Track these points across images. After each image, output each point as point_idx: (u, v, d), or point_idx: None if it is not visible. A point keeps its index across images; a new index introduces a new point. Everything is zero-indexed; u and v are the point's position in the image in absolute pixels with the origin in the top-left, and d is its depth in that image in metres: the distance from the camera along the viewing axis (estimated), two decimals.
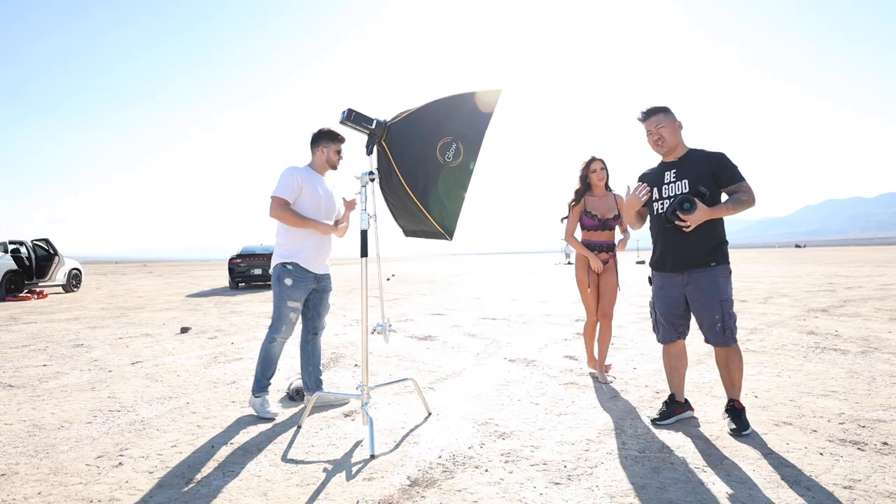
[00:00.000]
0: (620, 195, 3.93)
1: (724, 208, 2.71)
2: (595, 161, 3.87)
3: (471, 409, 3.35)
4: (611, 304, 3.95)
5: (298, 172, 3.27)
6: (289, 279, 3.26)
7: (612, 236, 3.93)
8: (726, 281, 2.81)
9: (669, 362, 3.07)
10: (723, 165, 2.79)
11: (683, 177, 2.84)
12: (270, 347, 3.33)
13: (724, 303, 2.77)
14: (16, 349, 5.82)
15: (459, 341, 5.82)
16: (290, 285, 3.27)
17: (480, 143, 3.01)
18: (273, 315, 3.32)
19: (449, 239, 3.08)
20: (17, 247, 13.64)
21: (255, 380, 3.33)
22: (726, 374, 2.87)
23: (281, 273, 3.28)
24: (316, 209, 3.34)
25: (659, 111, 2.91)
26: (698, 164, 2.84)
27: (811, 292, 10.01)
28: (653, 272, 3.08)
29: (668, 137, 2.89)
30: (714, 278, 2.79)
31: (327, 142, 3.40)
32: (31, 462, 2.60)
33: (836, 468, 2.32)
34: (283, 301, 3.28)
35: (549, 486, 2.25)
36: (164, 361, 5.02)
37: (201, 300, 12.03)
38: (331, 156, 3.41)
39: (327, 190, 3.45)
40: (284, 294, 3.27)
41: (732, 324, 2.79)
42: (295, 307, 3.31)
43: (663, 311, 2.99)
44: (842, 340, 5.15)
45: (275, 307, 3.31)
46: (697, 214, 2.68)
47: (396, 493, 2.21)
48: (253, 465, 2.54)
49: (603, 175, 3.87)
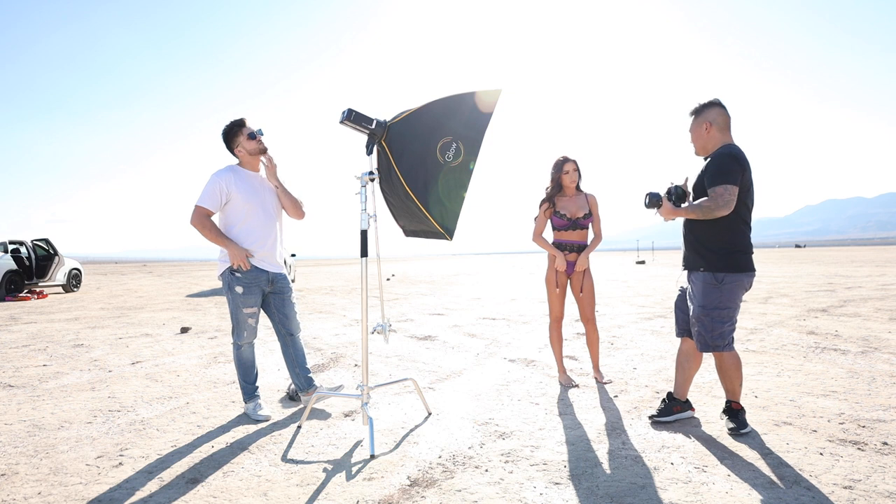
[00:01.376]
0: (593, 195, 3.90)
1: (685, 210, 2.72)
2: (568, 162, 3.80)
3: (471, 409, 3.35)
4: (592, 307, 3.86)
5: (223, 176, 3.12)
6: (239, 287, 3.14)
7: (584, 236, 3.85)
8: (713, 289, 2.69)
9: (678, 358, 3.09)
10: (709, 168, 2.72)
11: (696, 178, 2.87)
12: (240, 354, 3.30)
13: (701, 309, 2.72)
14: (16, 349, 5.82)
15: (459, 341, 5.82)
16: (242, 293, 3.15)
17: (480, 143, 3.01)
18: (232, 322, 3.25)
19: (449, 239, 3.08)
20: (17, 247, 13.64)
21: (241, 388, 3.32)
22: (722, 378, 2.87)
23: (231, 281, 3.14)
24: (254, 208, 3.19)
25: (692, 114, 2.89)
26: (708, 163, 2.81)
27: (811, 292, 10.01)
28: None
29: (695, 142, 2.91)
30: (699, 282, 2.76)
31: (236, 133, 3.21)
32: (31, 462, 2.60)
33: (836, 468, 2.32)
34: (238, 309, 3.17)
35: (549, 486, 2.25)
36: (164, 361, 5.02)
37: (201, 300, 12.03)
38: (245, 144, 3.20)
39: (264, 183, 3.31)
40: (238, 301, 3.16)
41: (707, 333, 2.72)
42: (252, 312, 3.21)
43: (676, 304, 3.06)
44: (842, 340, 5.15)
45: (231, 315, 3.22)
46: (662, 211, 2.76)
47: (396, 493, 2.22)
48: (253, 465, 2.54)
49: (575, 177, 3.80)
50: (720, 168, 2.64)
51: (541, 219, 3.89)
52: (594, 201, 3.87)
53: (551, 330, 3.97)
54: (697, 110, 2.87)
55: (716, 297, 2.70)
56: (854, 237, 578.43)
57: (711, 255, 2.72)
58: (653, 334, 5.93)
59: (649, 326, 6.52)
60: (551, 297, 3.91)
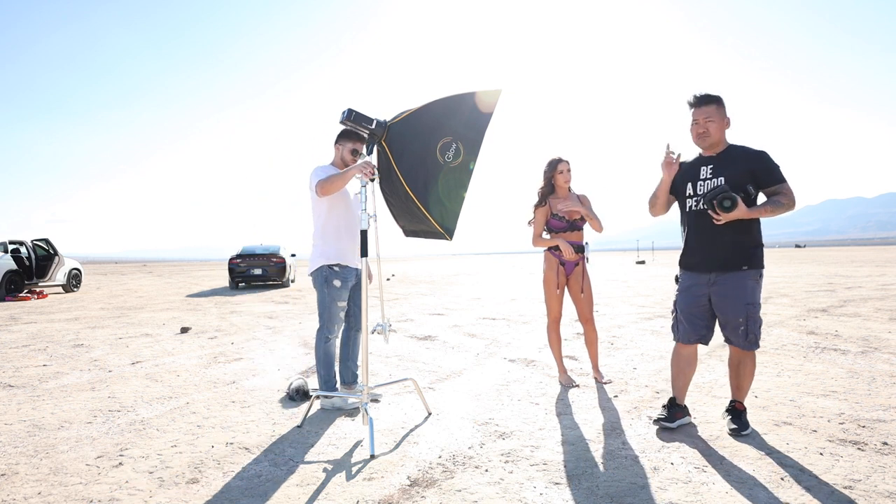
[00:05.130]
0: (585, 195, 3.90)
1: (762, 209, 2.64)
2: (562, 162, 3.79)
3: (471, 409, 3.35)
4: (590, 307, 3.85)
5: (324, 169, 3.36)
6: (338, 281, 3.35)
7: (580, 237, 3.85)
8: (756, 284, 2.72)
9: (678, 364, 2.95)
10: (765, 165, 2.68)
11: (720, 174, 2.72)
12: (328, 347, 3.39)
13: (750, 307, 2.69)
14: (16, 349, 5.82)
15: (459, 341, 5.82)
16: (339, 287, 3.35)
17: (480, 143, 3.00)
18: (322, 316, 3.36)
19: (449, 239, 3.08)
20: (17, 247, 13.63)
21: (323, 382, 3.39)
22: (735, 376, 2.84)
23: (329, 275, 3.35)
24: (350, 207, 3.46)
25: (713, 101, 2.73)
26: (738, 161, 2.72)
27: (811, 292, 10.01)
28: (681, 271, 2.97)
29: (714, 133, 2.74)
30: (743, 280, 2.70)
31: (344, 140, 3.46)
32: (31, 462, 2.60)
33: (836, 468, 2.32)
34: (333, 302, 3.35)
35: (549, 486, 2.25)
36: (164, 361, 5.02)
37: (201, 300, 12.03)
38: (345, 154, 3.45)
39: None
40: (334, 295, 3.35)
41: (757, 329, 2.71)
42: (343, 306, 3.42)
43: (684, 309, 2.88)
44: (842, 340, 5.15)
45: (323, 308, 3.36)
46: (733, 213, 2.59)
47: (396, 493, 2.22)
48: (253, 465, 2.54)
49: (569, 177, 3.80)
50: (777, 167, 2.69)
51: (538, 221, 3.88)
52: (587, 201, 3.88)
53: (550, 330, 3.97)
54: (719, 99, 2.73)
55: (759, 293, 2.75)
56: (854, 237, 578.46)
57: (754, 252, 2.73)
58: (653, 334, 5.93)
59: (649, 326, 6.52)
60: (550, 298, 3.91)
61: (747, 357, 2.79)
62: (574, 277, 3.85)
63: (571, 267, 3.84)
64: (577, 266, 3.84)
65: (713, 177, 2.75)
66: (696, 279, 2.85)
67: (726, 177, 2.70)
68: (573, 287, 3.87)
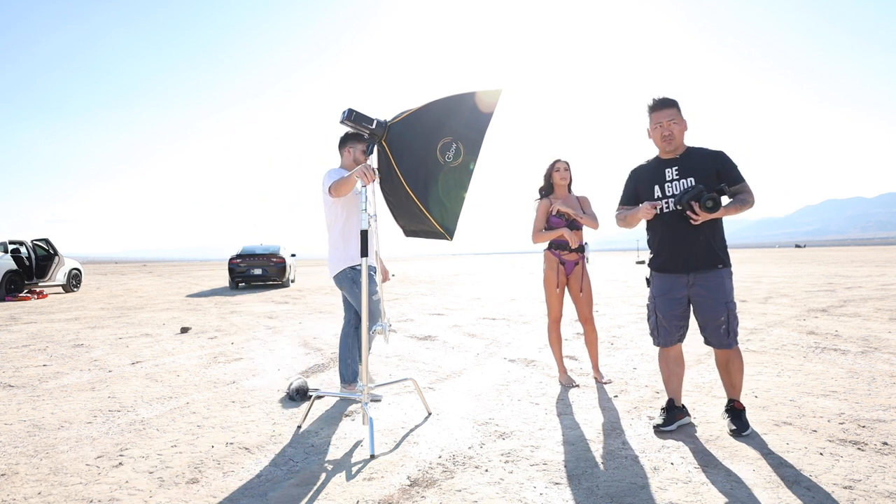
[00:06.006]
0: (585, 196, 3.92)
1: (732, 208, 2.71)
2: (559, 161, 3.86)
3: (471, 409, 3.35)
4: (590, 307, 3.87)
5: (337, 171, 3.45)
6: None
7: (580, 237, 3.86)
8: (731, 282, 2.81)
9: (668, 367, 2.98)
10: (727, 165, 2.77)
11: (687, 175, 2.78)
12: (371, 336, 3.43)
13: (730, 304, 2.77)
14: (16, 349, 5.82)
15: (459, 341, 5.83)
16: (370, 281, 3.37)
17: (481, 144, 3.00)
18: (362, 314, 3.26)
19: (449, 239, 3.08)
20: (17, 247, 13.64)
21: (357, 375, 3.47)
22: (726, 375, 2.86)
23: (354, 276, 3.42)
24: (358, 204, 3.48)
25: (673, 104, 2.81)
26: (701, 162, 2.80)
27: (811, 292, 10.01)
28: (653, 273, 2.99)
29: (679, 135, 2.82)
30: (721, 280, 2.77)
31: (354, 142, 3.54)
32: (31, 462, 2.60)
33: (836, 468, 2.32)
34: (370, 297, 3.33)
35: (549, 486, 2.25)
36: (164, 361, 5.02)
37: (201, 300, 12.03)
38: (357, 155, 3.54)
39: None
40: (371, 290, 3.36)
41: (735, 326, 2.78)
42: (377, 298, 3.45)
43: (665, 313, 2.89)
44: (842, 340, 5.15)
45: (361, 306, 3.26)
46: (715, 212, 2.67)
47: (396, 493, 2.22)
48: (253, 465, 2.54)
49: (566, 175, 3.84)
50: (736, 166, 2.78)
51: (539, 216, 3.89)
52: (587, 202, 3.90)
53: (550, 330, 3.97)
54: (677, 103, 2.82)
55: (733, 290, 2.83)
56: (854, 237, 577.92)
57: (724, 251, 2.84)
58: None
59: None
60: (550, 297, 3.91)
61: (733, 354, 2.83)
62: (574, 277, 3.86)
63: (571, 266, 3.85)
64: (576, 266, 3.85)
65: (680, 177, 2.81)
66: (674, 281, 2.87)
67: (696, 178, 2.76)
68: (573, 287, 3.88)
